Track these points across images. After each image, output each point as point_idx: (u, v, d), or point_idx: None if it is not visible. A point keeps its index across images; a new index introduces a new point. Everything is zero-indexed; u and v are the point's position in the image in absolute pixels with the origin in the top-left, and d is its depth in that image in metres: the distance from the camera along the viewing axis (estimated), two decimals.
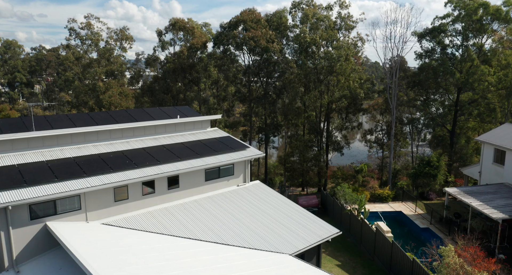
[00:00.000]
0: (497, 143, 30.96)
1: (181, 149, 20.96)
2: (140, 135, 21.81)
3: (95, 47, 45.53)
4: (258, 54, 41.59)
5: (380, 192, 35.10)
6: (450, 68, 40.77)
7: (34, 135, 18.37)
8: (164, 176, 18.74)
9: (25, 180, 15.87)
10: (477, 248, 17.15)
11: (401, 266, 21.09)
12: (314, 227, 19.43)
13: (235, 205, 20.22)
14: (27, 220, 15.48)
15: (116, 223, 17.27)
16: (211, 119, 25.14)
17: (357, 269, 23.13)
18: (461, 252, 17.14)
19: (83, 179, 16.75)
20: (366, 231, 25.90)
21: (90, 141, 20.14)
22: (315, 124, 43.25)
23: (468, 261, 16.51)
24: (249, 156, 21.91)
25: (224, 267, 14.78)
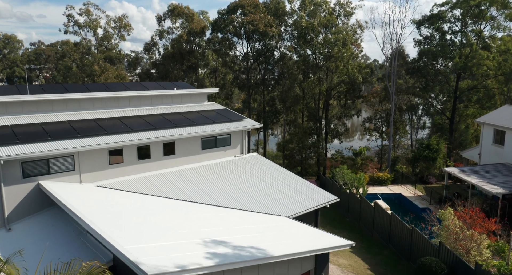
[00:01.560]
0: (496, 123, 30.81)
1: (178, 118, 20.75)
2: (136, 105, 21.59)
3: (94, 35, 45.36)
4: (257, 40, 41.47)
5: (379, 175, 34.86)
6: (450, 51, 40.63)
7: (28, 99, 18.14)
8: (159, 140, 18.52)
9: (18, 138, 15.65)
10: (477, 209, 16.92)
11: (400, 237, 20.83)
12: (312, 193, 19.19)
13: (232, 173, 19.98)
14: (20, 178, 15.24)
15: (111, 186, 17.02)
16: (208, 93, 24.93)
17: (356, 243, 22.79)
18: (460, 214, 16.90)
19: (77, 140, 16.52)
20: (365, 207, 25.64)
21: (85, 108, 19.92)
22: (314, 111, 43.05)
23: (468, 222, 16.28)
24: (246, 126, 21.70)
25: (220, 222, 14.56)
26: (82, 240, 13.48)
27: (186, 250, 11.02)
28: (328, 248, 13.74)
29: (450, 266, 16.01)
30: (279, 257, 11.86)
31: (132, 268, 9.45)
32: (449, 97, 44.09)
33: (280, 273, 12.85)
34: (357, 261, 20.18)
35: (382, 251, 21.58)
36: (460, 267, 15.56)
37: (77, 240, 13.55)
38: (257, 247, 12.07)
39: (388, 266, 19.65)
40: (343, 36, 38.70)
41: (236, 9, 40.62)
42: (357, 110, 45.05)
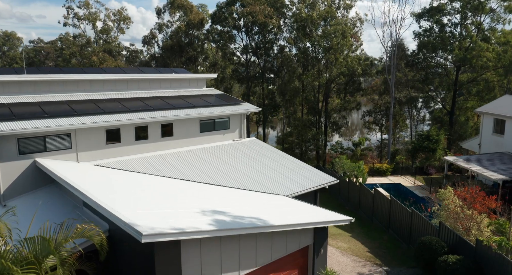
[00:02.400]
0: (496, 113, 30.70)
1: (176, 101, 20.63)
2: (134, 89, 21.46)
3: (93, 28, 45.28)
4: (256, 33, 41.38)
5: (379, 166, 34.71)
6: (450, 43, 40.54)
7: (25, 79, 18.02)
8: (157, 121, 18.39)
9: (14, 114, 15.51)
10: (477, 187, 16.77)
11: (400, 222, 20.66)
12: (311, 175, 19.05)
13: (231, 156, 19.84)
14: (16, 155, 15.10)
15: (108, 165, 16.87)
16: (207, 78, 24.79)
17: (355, 229, 22.70)
18: (460, 192, 16.76)
19: (74, 118, 16.39)
20: (364, 194, 25.48)
21: (83, 90, 19.80)
22: (314, 104, 42.92)
23: (468, 200, 16.13)
24: (245, 110, 21.56)
25: (219, 198, 14.43)
26: (78, 213, 13.34)
27: (184, 217, 10.89)
28: (327, 221, 13.60)
29: (450, 245, 15.84)
30: (277, 226, 11.72)
31: (127, 230, 9.31)
32: (448, 90, 43.98)
33: (279, 246, 12.71)
34: (356, 245, 20.02)
35: (381, 236, 21.42)
36: (460, 245, 15.40)
37: (73, 214, 13.39)
38: (256, 217, 11.94)
39: (387, 249, 19.49)
40: (343, 27, 38.62)
41: (236, 1, 40.55)
42: (357, 103, 44.92)
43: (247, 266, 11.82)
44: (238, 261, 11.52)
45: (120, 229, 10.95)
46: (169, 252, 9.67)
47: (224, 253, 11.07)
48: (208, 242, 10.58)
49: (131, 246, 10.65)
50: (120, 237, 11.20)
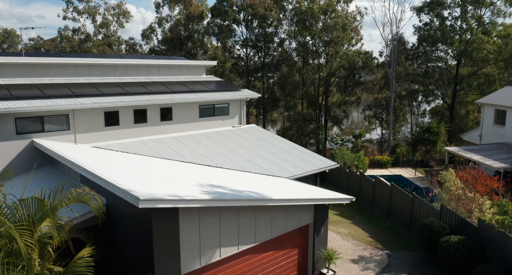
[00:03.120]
0: (497, 103, 30.56)
1: (175, 86, 20.50)
2: (133, 74, 21.34)
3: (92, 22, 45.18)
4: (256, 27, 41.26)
5: (379, 158, 34.57)
6: (450, 36, 40.43)
7: (23, 61, 17.89)
8: (156, 104, 18.25)
9: (11, 94, 15.38)
10: (479, 169, 16.62)
11: (401, 208, 20.49)
12: (312, 159, 18.89)
13: (230, 141, 19.69)
14: (13, 134, 14.97)
15: (107, 147, 16.72)
16: (207, 66, 24.64)
17: (355, 216, 22.55)
18: (462, 174, 16.60)
19: (72, 99, 16.25)
20: (365, 183, 25.32)
21: (81, 74, 19.66)
22: (314, 97, 42.81)
23: (470, 182, 15.96)
24: (244, 95, 21.43)
25: (218, 176, 14.27)
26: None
27: (182, 188, 10.73)
28: (328, 198, 13.46)
29: (452, 227, 15.66)
30: (277, 200, 11.58)
31: (124, 197, 9.15)
32: (449, 84, 43.85)
33: (278, 222, 12.54)
34: (357, 231, 19.86)
35: (382, 223, 21.25)
36: (462, 226, 15.22)
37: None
38: (255, 191, 11.78)
39: (388, 235, 19.32)
40: (343, 20, 38.53)
41: None
42: (357, 97, 44.79)
43: (246, 242, 11.66)
44: (237, 236, 11.35)
45: (117, 201, 10.81)
46: (167, 220, 9.51)
47: (223, 226, 10.91)
48: (207, 213, 10.43)
49: (129, 217, 10.50)
50: (118, 210, 11.05)
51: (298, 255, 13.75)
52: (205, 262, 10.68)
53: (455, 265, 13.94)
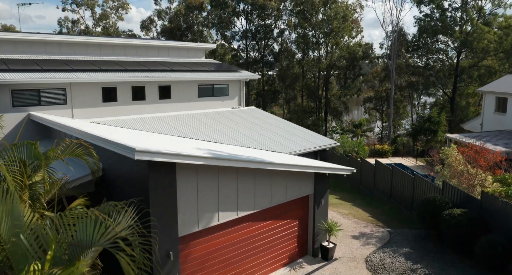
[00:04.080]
0: (498, 91, 30.40)
1: (174, 65, 20.31)
2: (132, 55, 21.15)
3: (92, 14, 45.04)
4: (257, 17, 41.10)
5: (379, 148, 34.36)
6: (450, 27, 40.28)
7: (20, 37, 17.73)
8: (154, 81, 18.07)
9: (8, 66, 15.20)
10: (481, 144, 16.42)
11: (402, 189, 20.27)
12: (311, 138, 18.68)
13: (230, 120, 19.48)
14: (9, 107, 14.79)
15: (104, 123, 16.52)
16: (206, 49, 24.47)
17: (356, 200, 22.32)
18: (464, 149, 16.40)
19: (70, 73, 16.07)
20: (365, 168, 25.07)
21: (79, 53, 19.48)
22: (314, 89, 42.63)
23: (472, 156, 15.75)
24: (244, 77, 21.24)
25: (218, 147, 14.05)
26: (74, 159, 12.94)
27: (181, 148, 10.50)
28: (328, 168, 13.26)
29: (454, 203, 15.44)
30: (277, 164, 11.38)
31: (119, 150, 8.93)
32: (449, 76, 43.68)
33: (278, 190, 12.33)
34: (357, 211, 19.64)
35: (383, 205, 21.02)
36: (465, 201, 15.00)
37: (69, 159, 13.02)
38: (254, 156, 11.57)
39: (389, 215, 19.09)
40: (343, 10, 38.39)
41: None
42: (357, 89, 44.61)
43: (245, 208, 11.44)
44: (236, 201, 11.14)
45: (114, 165, 10.61)
46: (164, 179, 9.30)
47: (222, 189, 10.70)
48: (205, 175, 10.22)
49: (125, 180, 10.28)
50: (114, 173, 10.83)
51: (298, 227, 13.53)
52: (203, 226, 10.47)
53: (458, 236, 13.71)
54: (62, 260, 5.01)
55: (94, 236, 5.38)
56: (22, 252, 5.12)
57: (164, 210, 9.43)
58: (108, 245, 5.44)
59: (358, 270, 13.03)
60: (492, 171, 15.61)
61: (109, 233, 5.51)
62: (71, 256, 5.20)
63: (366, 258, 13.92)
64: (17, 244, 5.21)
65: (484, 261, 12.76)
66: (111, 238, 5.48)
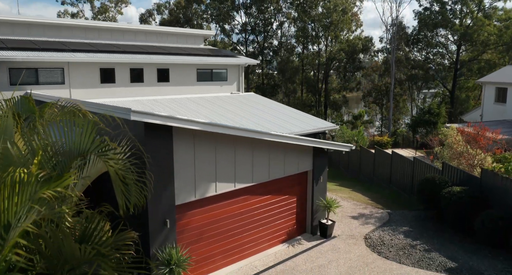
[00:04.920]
0: (498, 81, 30.36)
1: (173, 49, 20.27)
2: (130, 40, 21.09)
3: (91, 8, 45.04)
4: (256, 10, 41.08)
5: (379, 139, 34.29)
6: (450, 20, 40.24)
7: (18, 19, 17.66)
8: (153, 63, 18.02)
9: (5, 45, 15.15)
10: (481, 123, 16.34)
11: (402, 173, 20.20)
12: (310, 121, 18.59)
13: (228, 104, 19.41)
14: (7, 85, 14.72)
15: None
16: (204, 35, 24.43)
17: (356, 186, 22.24)
18: (463, 129, 16.33)
19: (68, 53, 16.02)
20: (365, 156, 25.00)
21: (77, 37, 19.42)
22: (314, 82, 42.56)
23: (472, 136, 15.67)
24: (243, 62, 21.18)
25: None
26: None
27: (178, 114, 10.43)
28: (327, 143, 13.18)
29: (454, 182, 15.36)
30: (275, 135, 11.31)
31: (115, 113, 8.85)
32: (449, 69, 43.63)
33: (276, 163, 12.25)
34: (357, 195, 19.55)
35: (383, 191, 20.95)
36: (465, 180, 14.92)
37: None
38: (253, 126, 11.48)
39: (388, 199, 19.01)
40: (343, 3, 38.35)
41: None
42: (357, 82, 44.55)
43: (243, 180, 11.36)
44: (233, 172, 11.05)
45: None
46: (161, 140, 9.22)
47: (219, 159, 10.62)
48: (202, 142, 10.14)
49: None
50: None
51: (296, 204, 13.45)
52: (200, 195, 10.38)
53: (458, 214, 13.63)
54: (50, 167, 5.10)
55: (84, 143, 5.37)
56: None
57: (160, 175, 9.34)
58: (99, 153, 5.43)
59: (357, 247, 12.94)
60: (493, 150, 15.52)
61: (100, 144, 5.53)
62: (60, 167, 5.16)
63: (365, 235, 13.83)
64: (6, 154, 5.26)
65: (484, 237, 12.68)
66: (102, 147, 5.49)
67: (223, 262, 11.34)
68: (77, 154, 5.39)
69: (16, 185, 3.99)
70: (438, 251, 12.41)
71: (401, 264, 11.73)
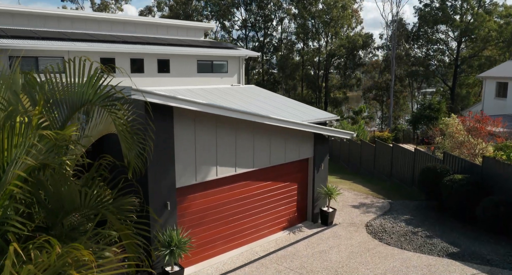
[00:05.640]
0: (499, 75, 30.33)
1: (173, 41, 20.24)
2: (130, 32, 21.06)
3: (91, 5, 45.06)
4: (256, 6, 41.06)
5: (380, 134, 34.20)
6: (450, 16, 40.22)
7: (18, 9, 17.63)
8: (153, 53, 17.99)
9: (6, 34, 15.12)
10: (482, 112, 16.29)
11: (403, 165, 20.15)
12: (311, 112, 18.47)
13: (229, 95, 19.34)
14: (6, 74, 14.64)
15: None
16: (205, 28, 24.40)
17: (356, 179, 22.18)
18: (464, 118, 16.29)
19: (68, 42, 15.99)
20: (365, 149, 24.95)
21: (78, 28, 19.38)
22: (314, 78, 42.53)
23: (473, 125, 15.63)
24: (243, 53, 21.14)
25: None
26: None
27: None
28: (328, 129, 13.13)
29: (456, 171, 15.31)
30: (276, 120, 11.28)
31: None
32: (450, 66, 43.60)
33: (277, 149, 12.21)
34: (357, 187, 19.50)
35: (383, 183, 20.89)
36: (466, 168, 14.87)
37: None
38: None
39: (389, 190, 18.94)
40: None
41: None
42: (357, 79, 44.53)
43: (244, 165, 11.32)
44: (234, 156, 11.01)
45: None
46: (162, 120, 9.18)
47: (220, 143, 10.57)
48: (203, 125, 10.10)
49: None
50: None
51: (297, 191, 13.40)
52: (201, 179, 10.34)
53: (459, 202, 13.56)
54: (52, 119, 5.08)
55: (87, 93, 5.32)
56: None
57: (161, 156, 9.30)
58: (102, 103, 5.39)
59: (358, 234, 12.89)
60: (494, 139, 15.48)
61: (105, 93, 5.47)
62: (62, 119, 5.11)
63: (366, 223, 13.78)
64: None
65: (486, 223, 12.63)
66: (106, 96, 5.45)
67: (224, 247, 11.30)
68: (79, 104, 5.36)
69: (17, 126, 3.98)
70: (440, 238, 12.36)
71: (403, 249, 11.68)
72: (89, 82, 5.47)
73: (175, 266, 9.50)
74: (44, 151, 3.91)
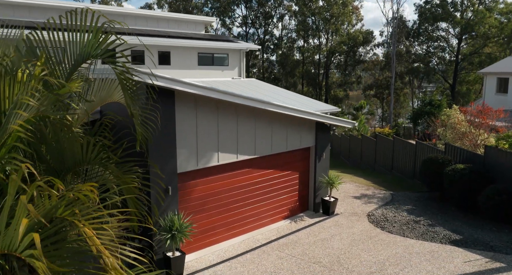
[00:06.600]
0: (500, 71, 30.28)
1: (173, 34, 20.19)
2: (131, 25, 21.00)
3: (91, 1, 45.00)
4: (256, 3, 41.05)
5: (380, 131, 34.15)
6: (451, 13, 40.20)
7: (18, 0, 17.56)
8: (154, 44, 17.92)
9: (6, 24, 15.04)
10: (483, 103, 16.25)
11: (404, 158, 20.09)
12: (312, 104, 18.50)
13: (231, 88, 19.29)
14: None
15: None
16: (205, 22, 24.34)
17: (357, 173, 22.13)
18: (465, 109, 16.24)
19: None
20: (366, 143, 24.87)
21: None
22: (314, 75, 42.49)
23: (474, 115, 15.58)
24: (244, 47, 21.09)
25: None
26: None
27: None
28: (330, 118, 13.08)
29: (458, 162, 15.26)
30: (277, 106, 11.23)
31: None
32: (450, 63, 43.57)
33: (279, 137, 12.16)
34: (358, 179, 19.44)
35: (384, 176, 20.84)
36: (468, 159, 14.82)
37: None
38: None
39: (391, 183, 18.89)
40: None
41: None
42: (357, 76, 44.49)
43: (245, 152, 11.26)
44: (236, 142, 10.95)
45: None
46: (163, 103, 9.12)
47: (221, 128, 10.52)
48: (204, 109, 10.05)
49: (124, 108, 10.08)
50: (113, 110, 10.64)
51: (299, 180, 13.34)
52: (203, 164, 10.28)
53: (462, 191, 13.50)
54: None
55: (90, 46, 5.24)
56: None
57: (162, 140, 9.24)
58: (106, 58, 5.32)
59: (360, 223, 12.83)
60: (496, 129, 15.44)
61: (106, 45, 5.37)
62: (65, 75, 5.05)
63: (368, 213, 13.73)
64: None
65: (488, 212, 12.57)
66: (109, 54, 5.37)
67: (225, 235, 11.24)
68: (81, 59, 5.30)
69: (19, 74, 3.92)
70: (442, 226, 12.31)
71: (405, 237, 11.63)
72: (92, 36, 5.38)
73: (177, 252, 9.44)
74: (46, 102, 3.84)
